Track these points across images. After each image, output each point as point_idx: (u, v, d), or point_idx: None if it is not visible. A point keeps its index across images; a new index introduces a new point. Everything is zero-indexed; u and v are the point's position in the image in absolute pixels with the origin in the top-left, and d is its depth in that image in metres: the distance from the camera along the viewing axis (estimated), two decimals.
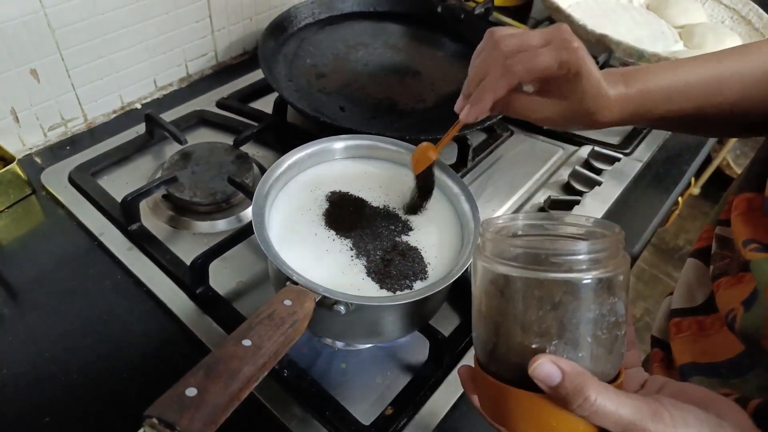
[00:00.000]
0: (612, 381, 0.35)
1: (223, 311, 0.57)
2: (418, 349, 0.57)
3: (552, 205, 0.72)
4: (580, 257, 0.33)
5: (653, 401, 0.32)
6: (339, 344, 0.57)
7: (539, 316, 0.33)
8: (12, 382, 0.52)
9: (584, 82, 0.44)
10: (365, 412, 0.52)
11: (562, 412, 0.34)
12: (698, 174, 1.03)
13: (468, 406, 0.54)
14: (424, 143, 0.53)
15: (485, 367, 0.37)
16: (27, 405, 0.50)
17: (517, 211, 0.73)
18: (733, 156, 2.15)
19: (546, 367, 0.32)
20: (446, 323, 0.59)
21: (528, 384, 0.34)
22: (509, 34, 0.47)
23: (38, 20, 0.65)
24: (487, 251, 0.36)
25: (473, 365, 0.40)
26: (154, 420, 0.30)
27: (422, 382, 0.54)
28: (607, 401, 0.32)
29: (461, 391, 0.54)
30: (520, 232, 0.38)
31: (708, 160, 1.77)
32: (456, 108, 0.50)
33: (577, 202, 0.72)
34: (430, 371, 0.55)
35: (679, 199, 1.09)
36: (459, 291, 0.60)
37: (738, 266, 0.42)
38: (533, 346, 0.34)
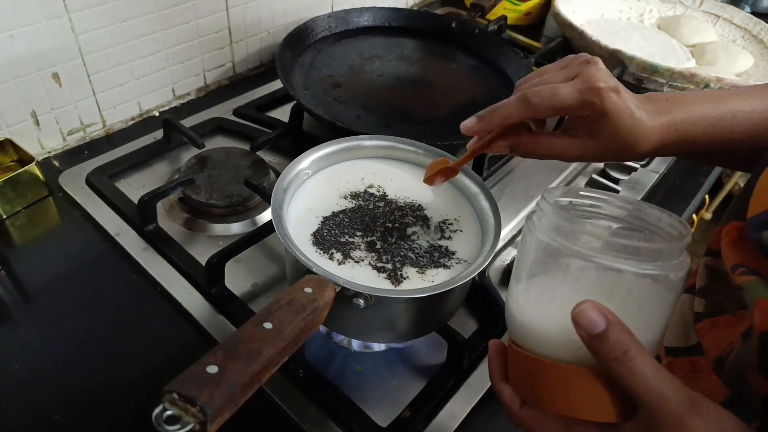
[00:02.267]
0: None
1: (238, 311, 0.57)
2: (435, 353, 0.56)
3: None
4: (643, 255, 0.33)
5: (693, 392, 0.31)
6: (355, 346, 0.56)
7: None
8: (23, 378, 0.51)
9: (613, 121, 0.42)
10: (382, 415, 0.51)
11: (593, 384, 0.33)
12: (712, 192, 1.02)
13: (487, 411, 0.52)
14: (442, 158, 0.53)
15: (518, 344, 0.37)
16: (37, 401, 0.50)
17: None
18: (744, 181, 2.14)
19: (591, 314, 0.31)
20: (464, 328, 0.58)
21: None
22: (536, 72, 0.45)
23: (62, 24, 0.66)
24: (550, 226, 0.36)
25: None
26: (174, 395, 0.29)
27: (440, 385, 0.53)
28: (646, 364, 0.31)
29: (480, 395, 0.53)
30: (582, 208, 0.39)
31: (720, 185, 1.76)
32: (462, 123, 0.48)
33: None
34: (449, 374, 0.54)
35: (694, 217, 1.08)
36: (476, 296, 0.60)
37: (736, 303, 0.40)
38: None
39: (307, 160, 0.53)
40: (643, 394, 0.31)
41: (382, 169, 0.57)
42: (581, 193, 0.40)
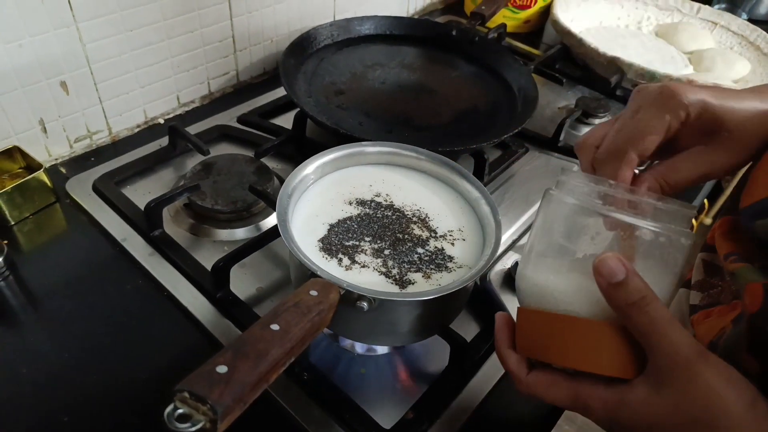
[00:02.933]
0: None
1: (244, 315, 0.57)
2: (437, 357, 0.57)
3: None
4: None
5: (701, 345, 0.32)
6: (359, 350, 0.57)
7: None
8: (32, 381, 0.52)
9: (718, 116, 0.39)
10: (385, 417, 0.51)
11: (606, 337, 0.34)
12: (712, 197, 1.03)
13: (489, 410, 0.53)
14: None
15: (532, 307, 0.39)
16: (46, 404, 0.50)
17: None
18: None
19: (612, 262, 0.33)
20: (466, 331, 0.58)
21: None
22: (597, 133, 0.43)
23: (70, 33, 0.68)
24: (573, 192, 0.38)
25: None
26: (185, 394, 0.30)
27: (443, 387, 0.54)
28: (660, 311, 0.32)
29: (483, 396, 0.54)
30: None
31: (719, 189, 1.77)
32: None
33: None
34: (451, 376, 0.54)
35: (694, 222, 1.09)
36: (478, 299, 0.61)
37: (730, 295, 0.42)
38: None
39: (311, 166, 0.54)
40: (657, 338, 0.32)
41: (385, 174, 0.58)
42: (597, 177, 0.41)
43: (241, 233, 0.67)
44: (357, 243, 0.50)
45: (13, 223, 0.66)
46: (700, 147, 0.41)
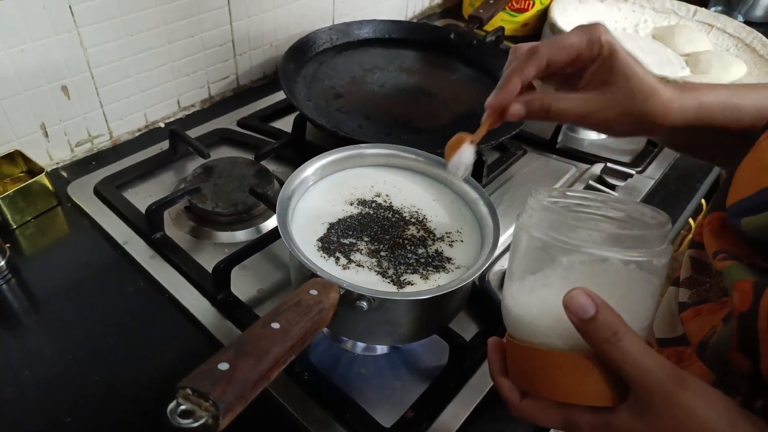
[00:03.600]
0: None
1: (245, 316, 0.58)
2: (437, 356, 0.57)
3: None
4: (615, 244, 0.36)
5: (680, 369, 0.33)
6: (359, 350, 0.57)
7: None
8: (35, 382, 0.52)
9: (621, 62, 0.42)
10: (385, 416, 0.52)
11: (587, 369, 0.35)
12: (709, 196, 1.04)
13: (489, 412, 0.53)
14: (459, 133, 0.51)
15: (515, 338, 0.39)
16: (49, 405, 0.51)
17: None
18: None
19: (581, 299, 0.33)
20: (465, 331, 0.59)
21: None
22: (531, 43, 0.46)
23: (72, 39, 0.68)
24: (534, 221, 0.39)
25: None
26: (188, 390, 0.31)
27: (443, 387, 0.54)
28: (633, 344, 0.32)
29: (482, 396, 0.54)
30: (567, 206, 0.40)
31: (716, 190, 1.77)
32: (486, 102, 0.48)
33: None
34: (451, 375, 0.55)
35: (691, 222, 1.10)
36: (477, 300, 0.61)
37: (720, 292, 0.42)
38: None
39: (311, 168, 0.55)
40: (632, 370, 0.33)
41: (384, 176, 0.58)
42: (567, 193, 0.42)
43: (241, 235, 0.68)
44: (356, 243, 0.51)
45: (15, 226, 0.66)
46: (593, 92, 0.44)
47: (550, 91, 0.47)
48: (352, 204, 0.55)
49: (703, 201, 1.00)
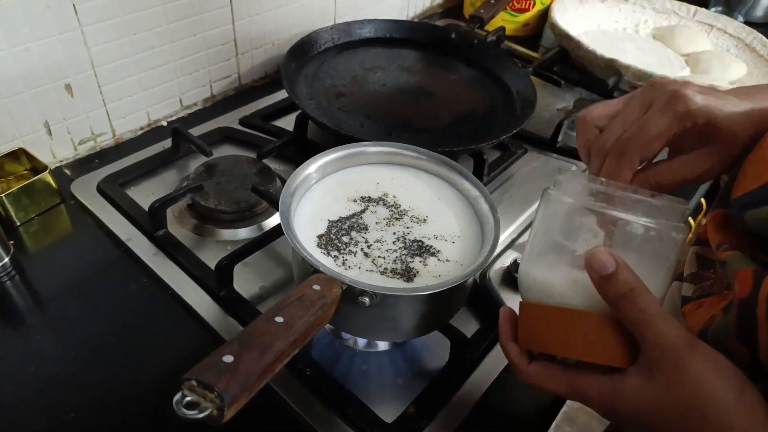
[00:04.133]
0: None
1: (247, 313, 0.58)
2: (438, 353, 0.57)
3: None
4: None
5: (691, 334, 0.33)
6: (360, 345, 0.58)
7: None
8: (38, 379, 0.52)
9: (721, 121, 0.39)
10: (387, 411, 0.52)
11: (600, 328, 0.36)
12: (708, 196, 1.04)
13: (489, 405, 0.54)
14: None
15: (532, 301, 0.41)
16: (53, 402, 0.51)
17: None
18: None
19: (602, 255, 0.34)
20: (466, 328, 0.59)
21: None
22: (602, 113, 0.43)
23: (75, 38, 0.69)
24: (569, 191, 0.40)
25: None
26: (193, 382, 0.31)
27: (444, 382, 0.54)
28: (649, 303, 0.33)
29: (483, 390, 0.54)
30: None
31: (716, 189, 1.78)
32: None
33: None
34: (452, 371, 0.55)
35: (691, 221, 1.10)
36: (478, 297, 0.61)
37: (723, 286, 0.43)
38: None
39: (313, 166, 0.55)
40: (646, 328, 0.33)
41: (386, 174, 0.59)
42: (593, 176, 0.43)
43: (243, 233, 0.68)
44: (358, 239, 0.51)
45: (19, 224, 0.67)
46: (695, 152, 0.42)
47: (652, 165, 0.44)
48: (354, 201, 0.55)
49: (703, 200, 1.00)
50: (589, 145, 0.44)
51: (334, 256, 0.49)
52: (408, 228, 0.53)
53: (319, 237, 0.51)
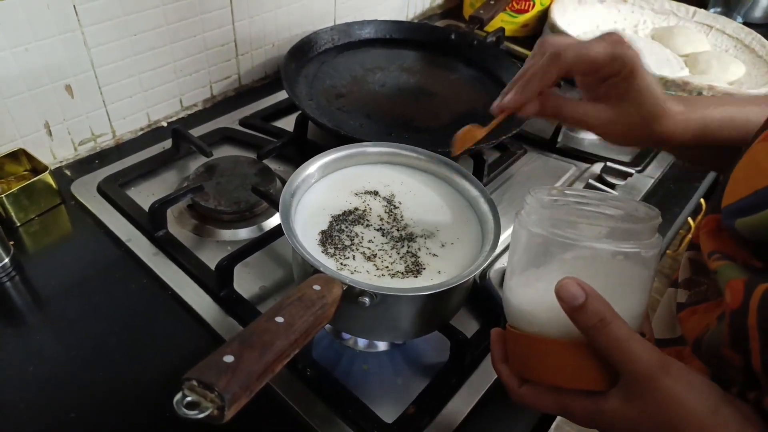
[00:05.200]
0: None
1: (247, 313, 0.58)
2: (438, 353, 0.57)
3: None
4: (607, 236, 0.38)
5: (666, 356, 0.34)
6: (361, 346, 0.58)
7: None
8: (39, 379, 0.52)
9: (639, 81, 0.43)
10: (387, 411, 0.52)
11: (579, 356, 0.37)
12: (708, 195, 1.04)
13: (489, 407, 0.54)
14: (469, 125, 0.53)
15: (514, 327, 0.41)
16: (54, 401, 0.51)
17: None
18: None
19: (571, 287, 0.35)
20: (466, 328, 0.59)
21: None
22: (559, 35, 0.47)
23: (75, 38, 0.69)
24: (533, 218, 0.41)
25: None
26: (194, 382, 0.31)
27: (444, 383, 0.54)
28: (620, 330, 0.34)
29: (483, 391, 0.54)
30: (564, 204, 0.42)
31: (714, 189, 1.78)
32: (493, 105, 0.49)
33: None
34: (452, 372, 0.55)
35: (690, 221, 1.10)
36: (478, 297, 0.62)
37: (716, 293, 0.43)
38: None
39: (313, 166, 0.55)
40: (618, 355, 0.34)
41: (386, 174, 0.59)
42: (565, 191, 0.43)
43: (243, 233, 0.68)
44: (358, 239, 0.51)
45: (19, 224, 0.67)
46: (606, 105, 0.45)
47: (563, 95, 0.48)
48: (353, 201, 0.55)
49: (702, 200, 1.00)
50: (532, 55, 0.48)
51: (334, 255, 0.49)
52: (408, 228, 0.53)
53: (321, 236, 0.51)
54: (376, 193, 0.56)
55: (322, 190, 0.56)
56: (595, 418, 0.37)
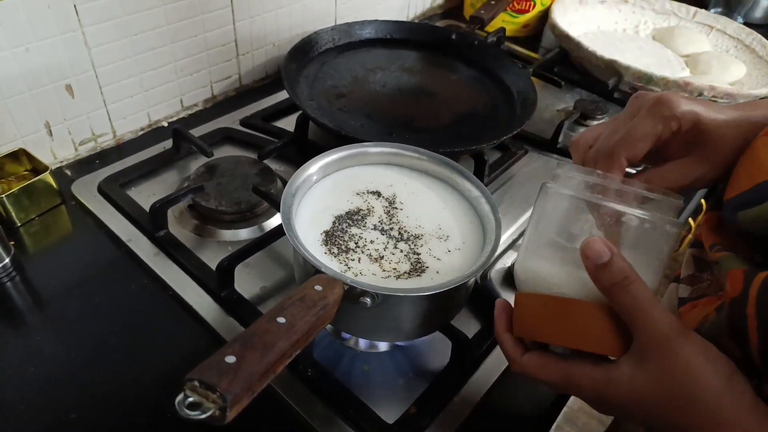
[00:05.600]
0: None
1: (248, 313, 0.58)
2: (439, 354, 0.57)
3: None
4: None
5: (683, 325, 0.34)
6: (362, 346, 0.58)
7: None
8: (40, 379, 0.52)
9: (709, 127, 0.41)
10: (388, 412, 0.52)
11: (594, 317, 0.37)
12: (709, 197, 1.04)
13: (491, 406, 0.54)
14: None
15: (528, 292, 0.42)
16: (54, 403, 0.51)
17: None
18: None
19: (597, 245, 0.35)
20: (467, 328, 0.59)
21: None
22: (593, 133, 0.45)
23: (76, 38, 0.69)
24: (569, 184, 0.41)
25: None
26: (195, 383, 0.31)
27: (445, 383, 0.54)
28: (642, 291, 0.34)
29: (484, 391, 0.54)
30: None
31: (715, 190, 1.78)
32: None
33: None
34: (453, 372, 0.55)
35: (691, 222, 1.10)
36: (479, 297, 0.61)
37: (718, 288, 0.43)
38: None
39: (315, 166, 0.55)
40: (638, 315, 0.34)
41: (387, 174, 0.59)
42: (596, 170, 0.43)
43: (244, 234, 0.68)
44: (359, 239, 0.51)
45: (19, 224, 0.67)
46: (687, 158, 0.43)
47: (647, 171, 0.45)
48: (355, 201, 0.55)
49: (703, 201, 1.00)
50: (584, 159, 0.45)
51: (336, 255, 0.49)
52: (409, 229, 0.53)
53: (322, 237, 0.51)
54: (378, 194, 0.56)
55: (323, 191, 0.56)
56: (602, 391, 0.36)
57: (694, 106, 0.41)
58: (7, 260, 0.61)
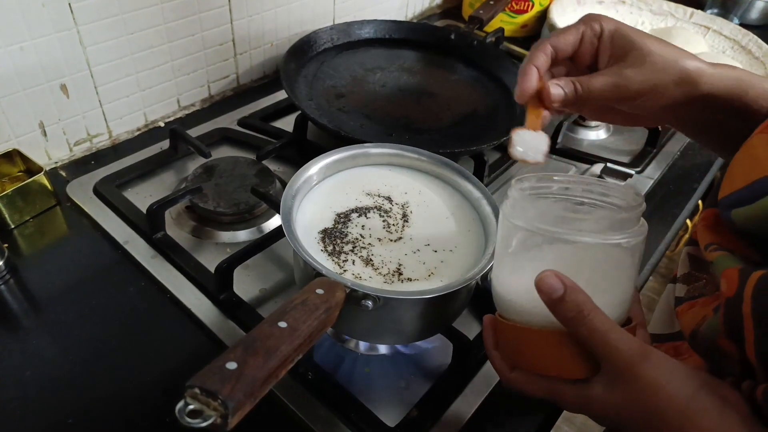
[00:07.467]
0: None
1: (247, 316, 0.58)
2: (440, 356, 0.57)
3: None
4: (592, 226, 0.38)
5: (646, 344, 0.35)
6: (362, 349, 0.57)
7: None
8: (36, 383, 0.52)
9: (630, 36, 0.45)
10: (390, 415, 0.52)
11: (562, 345, 0.37)
12: (706, 197, 1.04)
13: (492, 409, 0.53)
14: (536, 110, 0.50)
15: (502, 316, 0.42)
16: (51, 407, 0.50)
17: None
18: None
19: (550, 280, 0.36)
20: (468, 330, 0.59)
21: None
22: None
23: (71, 37, 0.68)
24: (515, 209, 0.40)
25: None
26: (196, 390, 0.30)
27: (446, 385, 0.54)
28: (599, 322, 0.35)
29: (485, 394, 0.54)
30: (549, 193, 0.42)
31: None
32: (515, 96, 0.50)
33: None
34: (455, 374, 0.55)
35: (689, 222, 1.10)
36: (480, 299, 0.61)
37: (714, 287, 0.43)
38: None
39: (315, 167, 0.54)
40: (598, 347, 0.35)
41: (388, 175, 0.58)
42: (554, 178, 0.42)
43: (243, 235, 0.67)
44: (360, 241, 0.51)
45: (13, 226, 0.66)
46: (613, 67, 0.46)
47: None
48: (355, 202, 0.54)
49: (699, 202, 1.00)
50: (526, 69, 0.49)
51: (335, 256, 0.49)
52: (410, 230, 0.53)
53: (322, 237, 0.50)
54: (378, 195, 0.56)
55: (323, 192, 0.55)
56: (584, 404, 0.38)
57: (616, 21, 0.46)
58: (0, 263, 0.60)
